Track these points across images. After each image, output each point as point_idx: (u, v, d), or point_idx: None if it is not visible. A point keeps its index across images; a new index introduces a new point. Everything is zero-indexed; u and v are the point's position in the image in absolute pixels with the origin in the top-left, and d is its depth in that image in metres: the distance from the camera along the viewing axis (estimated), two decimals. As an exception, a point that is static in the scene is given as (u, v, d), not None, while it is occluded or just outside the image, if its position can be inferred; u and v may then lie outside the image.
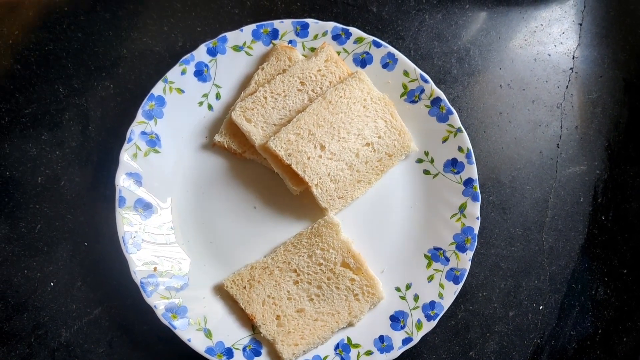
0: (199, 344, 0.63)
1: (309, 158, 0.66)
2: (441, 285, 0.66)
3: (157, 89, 0.66)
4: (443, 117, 0.68)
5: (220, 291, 0.67)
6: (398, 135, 0.68)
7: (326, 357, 0.65)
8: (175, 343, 0.63)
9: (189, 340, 0.63)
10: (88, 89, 0.71)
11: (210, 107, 0.69)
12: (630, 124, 0.74)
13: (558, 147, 0.72)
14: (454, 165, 0.68)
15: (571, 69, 0.74)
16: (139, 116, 0.66)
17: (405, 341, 0.65)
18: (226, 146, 0.68)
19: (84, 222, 0.68)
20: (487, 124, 0.72)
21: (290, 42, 0.69)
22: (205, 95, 0.69)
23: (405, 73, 0.69)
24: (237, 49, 0.68)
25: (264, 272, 0.65)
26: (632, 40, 0.75)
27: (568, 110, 0.73)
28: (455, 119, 0.67)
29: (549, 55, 0.74)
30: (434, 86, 0.68)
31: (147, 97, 0.66)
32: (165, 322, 0.63)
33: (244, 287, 0.65)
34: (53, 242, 0.68)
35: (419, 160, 0.70)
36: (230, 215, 0.68)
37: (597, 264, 0.71)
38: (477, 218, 0.66)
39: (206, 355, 0.63)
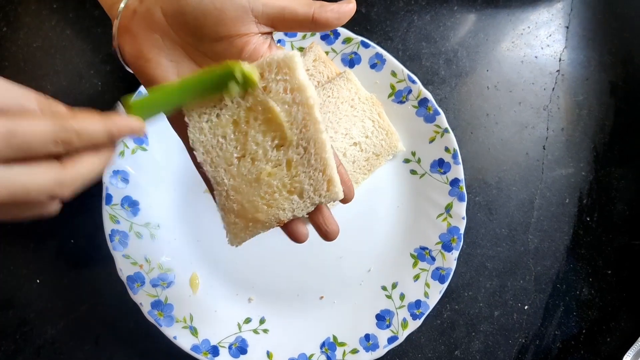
0: (184, 341, 0.63)
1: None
2: (427, 285, 0.66)
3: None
4: (430, 118, 0.68)
5: (206, 289, 0.67)
6: (385, 135, 0.69)
7: (312, 355, 0.65)
8: (161, 340, 0.63)
9: (174, 337, 0.63)
10: (76, 87, 0.71)
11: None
12: (616, 126, 0.74)
13: (544, 149, 0.73)
14: (440, 165, 0.68)
15: (558, 71, 0.75)
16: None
17: (391, 340, 0.65)
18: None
19: (71, 219, 0.68)
20: (474, 125, 0.73)
21: (279, 41, 0.69)
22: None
23: (393, 74, 0.69)
24: (226, 47, 0.69)
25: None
26: (618, 44, 0.76)
27: (554, 113, 0.74)
28: (443, 120, 0.68)
29: (536, 57, 0.75)
30: (422, 87, 0.68)
31: (135, 94, 0.66)
32: (151, 319, 0.63)
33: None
34: (39, 239, 0.68)
35: (406, 160, 0.70)
36: (218, 214, 0.68)
37: (582, 265, 0.71)
38: (463, 218, 0.67)
39: (192, 353, 0.63)
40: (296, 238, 0.47)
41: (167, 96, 0.41)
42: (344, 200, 0.46)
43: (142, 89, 0.66)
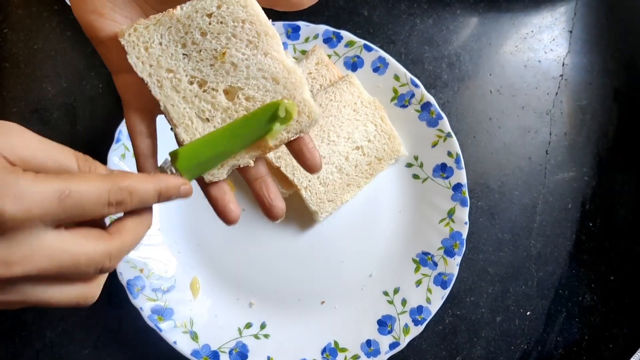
0: (185, 346, 0.63)
1: (298, 161, 0.66)
2: (429, 290, 0.66)
3: (147, 90, 0.66)
4: (433, 122, 0.68)
5: (207, 293, 0.66)
6: (388, 140, 0.68)
7: (313, 360, 0.65)
8: (161, 345, 0.63)
9: (174, 342, 0.63)
10: (76, 88, 0.70)
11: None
12: (619, 131, 0.74)
13: (547, 154, 0.73)
14: (443, 170, 0.68)
15: (561, 75, 0.74)
16: (128, 116, 0.65)
17: (393, 346, 0.64)
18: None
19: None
20: (476, 129, 0.72)
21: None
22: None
23: (396, 77, 0.69)
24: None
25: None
26: (622, 49, 0.76)
27: (557, 117, 0.73)
28: (445, 124, 0.67)
29: (539, 62, 0.74)
30: (424, 91, 0.68)
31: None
32: (151, 324, 0.63)
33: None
34: (39, 242, 0.67)
35: (409, 165, 0.70)
36: (218, 218, 0.67)
37: (584, 270, 0.71)
38: (466, 223, 0.66)
39: (192, 358, 0.63)
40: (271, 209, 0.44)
41: (213, 144, 0.40)
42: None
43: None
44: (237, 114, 0.41)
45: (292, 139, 0.42)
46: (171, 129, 0.42)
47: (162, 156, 0.43)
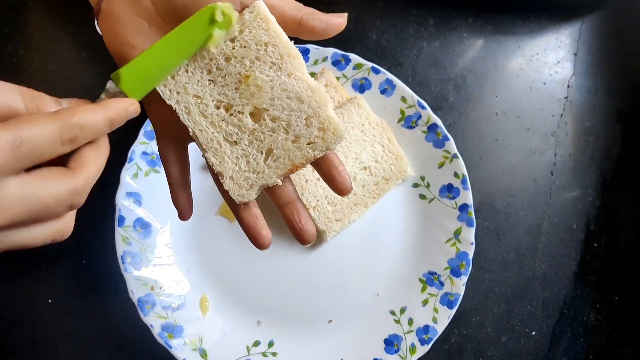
0: (194, 364, 0.64)
1: (307, 181, 0.67)
2: (435, 310, 0.66)
3: (159, 110, 0.67)
4: (439, 143, 0.69)
5: (216, 311, 0.67)
6: (395, 160, 0.69)
7: (320, 379, 0.65)
8: (170, 363, 0.64)
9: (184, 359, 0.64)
10: (91, 108, 0.72)
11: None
12: (623, 152, 0.75)
13: (552, 175, 0.74)
14: (449, 190, 0.69)
15: (566, 97, 0.75)
16: (141, 137, 0.67)
17: (399, 365, 0.65)
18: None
19: (83, 240, 0.69)
20: (482, 150, 0.73)
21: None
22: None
23: (403, 99, 0.70)
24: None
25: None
26: (625, 71, 0.77)
27: (562, 139, 0.74)
28: (452, 145, 0.69)
29: (544, 83, 0.76)
30: (431, 112, 0.69)
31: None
32: (161, 341, 0.63)
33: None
34: (52, 258, 0.69)
35: (415, 185, 0.71)
36: (229, 237, 0.69)
37: (589, 290, 0.72)
38: (472, 243, 0.67)
39: (201, 376, 0.64)
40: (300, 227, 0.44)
41: (155, 58, 0.39)
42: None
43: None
44: (263, 135, 0.41)
45: (318, 156, 0.42)
46: (203, 155, 0.43)
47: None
